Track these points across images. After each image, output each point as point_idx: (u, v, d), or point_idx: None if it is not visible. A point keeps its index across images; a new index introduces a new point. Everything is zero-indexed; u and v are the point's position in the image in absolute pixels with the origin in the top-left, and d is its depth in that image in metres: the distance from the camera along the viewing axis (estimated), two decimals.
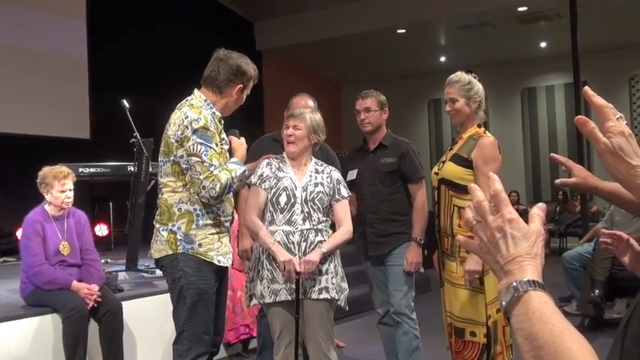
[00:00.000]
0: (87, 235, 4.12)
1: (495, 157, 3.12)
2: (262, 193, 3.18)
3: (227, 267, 3.01)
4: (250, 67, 3.00)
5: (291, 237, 3.11)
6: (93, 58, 8.74)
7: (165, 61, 9.43)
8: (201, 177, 2.76)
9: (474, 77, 3.24)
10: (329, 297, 3.13)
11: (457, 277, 3.13)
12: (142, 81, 8.76)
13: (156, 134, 5.59)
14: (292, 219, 3.13)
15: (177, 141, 2.82)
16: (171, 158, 2.85)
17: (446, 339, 3.29)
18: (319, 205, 3.18)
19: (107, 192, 7.91)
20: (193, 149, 2.77)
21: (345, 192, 3.29)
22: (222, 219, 2.94)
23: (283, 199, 3.15)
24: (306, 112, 3.27)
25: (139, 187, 5.27)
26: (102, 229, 8.07)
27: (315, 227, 3.15)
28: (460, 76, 3.22)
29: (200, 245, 2.85)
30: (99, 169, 6.54)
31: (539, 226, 0.93)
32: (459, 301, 3.14)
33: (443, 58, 12.96)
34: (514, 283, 0.88)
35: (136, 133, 5.18)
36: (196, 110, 2.84)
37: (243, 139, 3.08)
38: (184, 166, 2.82)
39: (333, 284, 3.16)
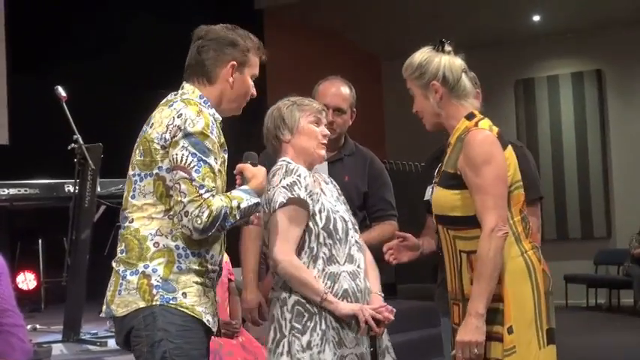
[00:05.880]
0: (5, 288, 4.16)
1: (488, 157, 3.01)
2: (305, 215, 3.21)
3: (212, 334, 3.04)
4: (239, 35, 3.06)
5: (358, 282, 3.23)
6: (13, 19, 8.62)
7: (126, 28, 9.27)
8: (185, 199, 2.80)
9: (441, 50, 3.25)
10: None
11: None
12: (88, 58, 8.76)
13: (108, 138, 5.62)
14: (352, 253, 3.25)
15: (163, 147, 2.87)
16: (154, 171, 2.90)
17: None
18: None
19: (35, 223, 7.95)
20: (181, 160, 2.82)
21: None
22: (209, 266, 2.98)
23: (340, 225, 3.24)
24: None
25: (83, 215, 5.32)
26: (27, 280, 8.12)
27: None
28: (412, 58, 3.23)
29: (185, 295, 2.88)
30: (22, 190, 6.58)
31: None
32: None
33: (536, 17, 12.92)
34: None
35: (77, 136, 5.24)
36: (194, 108, 2.90)
37: (262, 168, 3.08)
38: (170, 183, 2.87)
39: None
